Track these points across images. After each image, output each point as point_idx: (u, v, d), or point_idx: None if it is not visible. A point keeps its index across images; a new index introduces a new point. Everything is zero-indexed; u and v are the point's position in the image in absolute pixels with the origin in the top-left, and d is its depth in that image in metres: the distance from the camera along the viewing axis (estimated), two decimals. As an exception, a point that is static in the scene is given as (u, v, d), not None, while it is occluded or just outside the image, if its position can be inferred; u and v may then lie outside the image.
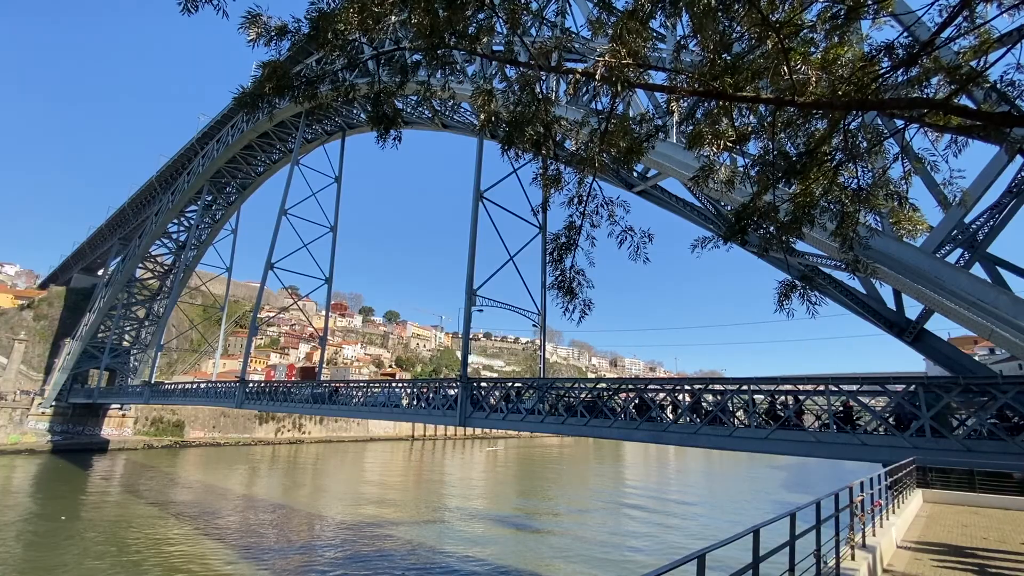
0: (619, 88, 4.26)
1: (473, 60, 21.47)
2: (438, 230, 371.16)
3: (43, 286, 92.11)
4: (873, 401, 12.65)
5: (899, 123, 5.90)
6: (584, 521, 32.47)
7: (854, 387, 12.70)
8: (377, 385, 26.55)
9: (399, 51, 5.69)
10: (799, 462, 64.04)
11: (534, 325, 27.45)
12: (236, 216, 56.68)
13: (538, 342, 28.17)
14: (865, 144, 5.66)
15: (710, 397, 15.24)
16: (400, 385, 25.08)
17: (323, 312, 41.91)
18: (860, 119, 5.80)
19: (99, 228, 71.18)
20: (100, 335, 60.58)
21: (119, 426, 60.19)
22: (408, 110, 32.27)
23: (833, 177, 5.61)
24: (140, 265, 60.55)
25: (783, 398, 13.72)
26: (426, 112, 32.37)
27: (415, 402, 22.44)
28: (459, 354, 45.29)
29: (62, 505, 30.40)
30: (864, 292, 16.18)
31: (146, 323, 64.31)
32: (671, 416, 15.44)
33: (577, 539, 27.73)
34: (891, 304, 15.72)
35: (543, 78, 5.39)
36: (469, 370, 21.53)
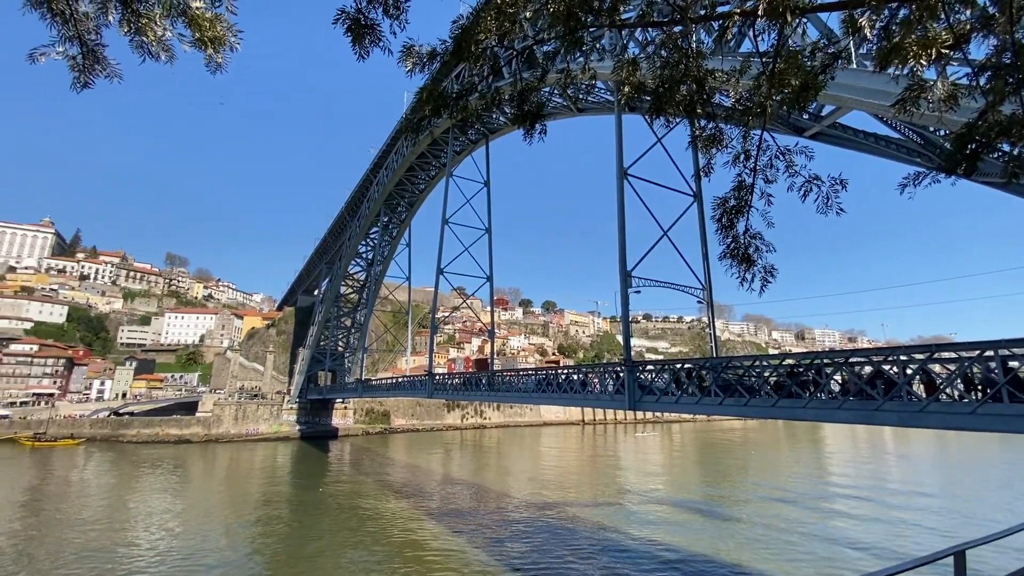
0: (788, 18, 3.70)
1: (604, 33, 20.82)
2: (584, 217, 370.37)
3: (279, 307, 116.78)
4: None
5: None
6: (781, 511, 29.43)
7: None
8: (546, 372, 27.62)
9: (536, 43, 5.81)
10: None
11: (699, 301, 25.50)
12: (408, 231, 64.28)
13: (705, 319, 26.14)
14: None
15: (937, 368, 12.48)
16: (567, 371, 25.67)
17: (488, 308, 44.85)
18: None
19: (310, 257, 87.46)
20: (322, 343, 74.45)
21: (343, 417, 73.72)
22: (543, 101, 32.77)
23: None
24: (342, 283, 72.70)
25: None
26: (562, 100, 32.45)
27: (583, 387, 22.77)
28: (619, 338, 44.44)
29: (316, 479, 38.41)
30: None
31: (352, 330, 76.97)
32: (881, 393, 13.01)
33: (774, 529, 25.29)
34: None
35: (692, 30, 4.97)
36: (632, 353, 21.04)
